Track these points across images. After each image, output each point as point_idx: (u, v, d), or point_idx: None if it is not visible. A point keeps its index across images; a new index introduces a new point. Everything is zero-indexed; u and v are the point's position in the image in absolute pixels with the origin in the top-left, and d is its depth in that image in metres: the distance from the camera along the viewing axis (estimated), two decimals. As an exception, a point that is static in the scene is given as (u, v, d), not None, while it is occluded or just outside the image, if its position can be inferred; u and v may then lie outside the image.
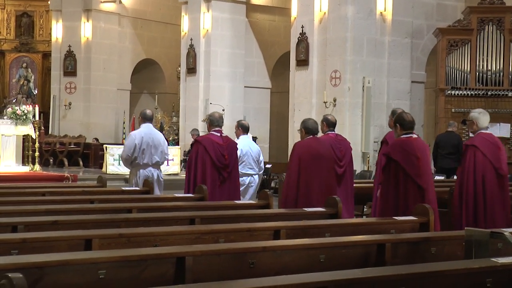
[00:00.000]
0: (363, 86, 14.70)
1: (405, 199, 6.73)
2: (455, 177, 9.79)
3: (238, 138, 10.28)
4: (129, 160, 9.46)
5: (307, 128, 8.06)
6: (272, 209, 7.24)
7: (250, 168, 10.34)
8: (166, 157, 10.07)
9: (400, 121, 7.07)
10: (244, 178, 10.13)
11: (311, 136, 8.02)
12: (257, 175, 10.47)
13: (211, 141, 8.67)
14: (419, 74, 16.27)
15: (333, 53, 14.87)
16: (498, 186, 7.48)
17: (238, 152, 9.33)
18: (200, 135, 10.74)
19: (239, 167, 9.47)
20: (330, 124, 9.39)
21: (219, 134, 8.79)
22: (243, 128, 10.35)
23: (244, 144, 10.22)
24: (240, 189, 9.51)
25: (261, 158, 10.60)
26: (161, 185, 9.57)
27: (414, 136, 7.03)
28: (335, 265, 4.66)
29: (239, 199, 8.85)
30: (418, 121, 16.02)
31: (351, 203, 9.11)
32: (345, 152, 9.22)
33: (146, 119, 9.64)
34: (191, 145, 8.91)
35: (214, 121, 8.91)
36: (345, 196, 8.44)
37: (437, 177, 12.40)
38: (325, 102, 14.74)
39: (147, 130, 9.55)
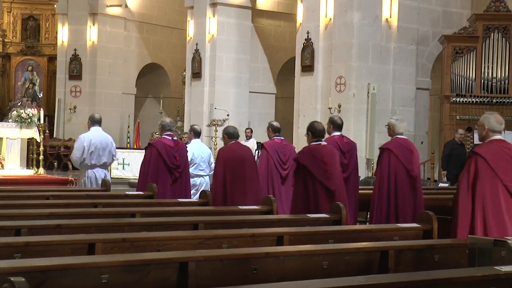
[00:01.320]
0: (368, 93, 14.68)
1: (315, 199, 7.43)
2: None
3: (190, 142, 11.09)
4: (78, 161, 10.19)
5: (229, 133, 9.11)
6: (276, 215, 7.24)
7: (201, 170, 10.97)
8: (114, 158, 10.81)
9: (311, 130, 7.80)
10: (196, 179, 10.78)
11: (233, 141, 9.05)
12: (207, 176, 11.08)
13: (163, 144, 9.37)
14: (424, 81, 16.26)
15: (338, 59, 14.87)
16: (410, 186, 8.17)
17: (190, 155, 10.12)
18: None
19: (192, 169, 10.35)
20: (336, 126, 9.44)
21: (170, 138, 9.50)
22: (195, 133, 11.10)
23: (196, 147, 10.88)
24: (195, 189, 10.52)
25: (212, 160, 11.11)
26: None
27: (323, 143, 7.78)
28: (338, 271, 4.65)
29: (190, 197, 9.58)
30: (423, 128, 16.12)
31: (355, 210, 9.09)
32: (350, 157, 9.25)
33: (94, 122, 10.38)
34: (145, 148, 9.63)
35: (165, 126, 9.62)
36: (348, 202, 8.40)
37: (441, 185, 12.39)
38: (330, 108, 14.73)
39: (95, 133, 10.29)
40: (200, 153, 10.95)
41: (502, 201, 6.16)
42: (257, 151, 14.80)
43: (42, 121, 14.98)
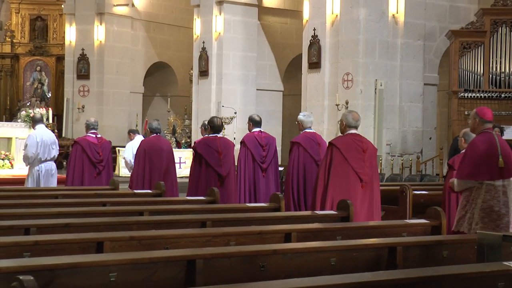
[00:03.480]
0: (376, 89, 14.66)
1: (207, 182, 9.09)
2: None
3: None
4: (33, 157, 11.09)
5: (151, 128, 10.56)
6: (284, 212, 7.24)
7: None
8: (57, 152, 11.70)
9: (211, 124, 9.60)
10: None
11: (155, 134, 10.46)
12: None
13: (87, 142, 10.79)
14: (432, 76, 16.21)
15: (345, 55, 14.85)
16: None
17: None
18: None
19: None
20: (255, 122, 10.50)
21: (94, 136, 10.92)
22: (133, 132, 12.46)
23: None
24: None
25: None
26: (55, 177, 11.29)
27: (219, 135, 9.54)
28: (346, 268, 4.65)
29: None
30: (430, 124, 16.08)
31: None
32: (268, 149, 10.38)
33: (37, 121, 11.57)
34: (72, 145, 11.01)
35: (90, 125, 11.12)
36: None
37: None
38: (337, 105, 14.72)
39: (42, 130, 11.33)
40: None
41: (352, 183, 7.36)
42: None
43: (50, 121, 15.05)
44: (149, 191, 9.18)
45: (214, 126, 9.52)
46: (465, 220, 6.47)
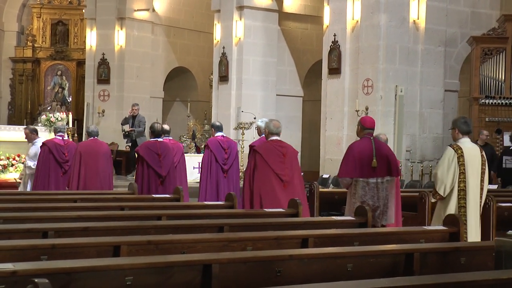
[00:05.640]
0: (396, 95, 14.60)
1: (148, 181, 10.02)
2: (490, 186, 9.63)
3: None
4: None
5: (88, 132, 11.55)
6: (301, 218, 7.23)
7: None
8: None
9: (151, 129, 10.52)
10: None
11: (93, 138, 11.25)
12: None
13: (54, 143, 11.54)
14: (453, 82, 16.11)
15: (365, 61, 14.81)
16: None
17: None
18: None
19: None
20: (216, 128, 11.56)
21: (61, 138, 11.74)
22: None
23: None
24: None
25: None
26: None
27: (160, 140, 10.42)
28: (362, 274, 4.63)
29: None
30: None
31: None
32: (230, 152, 11.28)
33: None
34: (40, 147, 11.58)
35: (57, 129, 12.01)
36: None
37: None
38: (357, 111, 14.68)
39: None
40: None
41: (274, 185, 8.28)
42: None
43: (70, 125, 15.12)
44: (167, 195, 9.21)
45: (154, 131, 10.48)
46: (352, 211, 7.25)
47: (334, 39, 15.37)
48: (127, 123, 18.08)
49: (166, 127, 11.65)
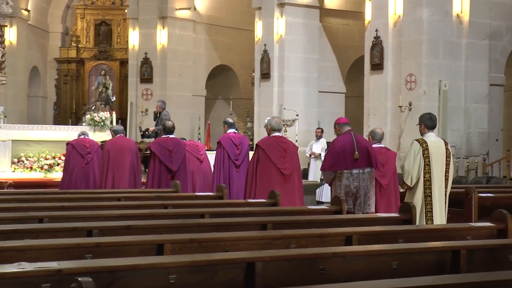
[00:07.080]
0: (440, 90, 14.42)
1: (159, 176, 10.69)
2: None
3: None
4: None
5: (114, 130, 12.29)
6: (345, 215, 7.17)
7: None
8: None
9: (163, 127, 11.30)
10: None
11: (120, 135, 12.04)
12: None
13: (76, 141, 12.43)
14: (498, 76, 15.83)
15: (408, 56, 14.65)
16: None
17: None
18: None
19: None
20: (229, 124, 11.52)
21: (84, 137, 12.61)
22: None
23: None
24: None
25: None
26: None
27: (171, 136, 11.01)
28: (407, 272, 4.56)
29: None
30: (497, 125, 15.70)
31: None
32: (241, 148, 11.28)
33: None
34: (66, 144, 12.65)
35: (80, 134, 12.77)
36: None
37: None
38: (400, 107, 14.54)
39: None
40: None
41: (274, 177, 8.88)
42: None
43: (114, 124, 15.24)
44: (210, 193, 9.24)
45: (165, 128, 11.20)
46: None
47: (376, 34, 15.24)
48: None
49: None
